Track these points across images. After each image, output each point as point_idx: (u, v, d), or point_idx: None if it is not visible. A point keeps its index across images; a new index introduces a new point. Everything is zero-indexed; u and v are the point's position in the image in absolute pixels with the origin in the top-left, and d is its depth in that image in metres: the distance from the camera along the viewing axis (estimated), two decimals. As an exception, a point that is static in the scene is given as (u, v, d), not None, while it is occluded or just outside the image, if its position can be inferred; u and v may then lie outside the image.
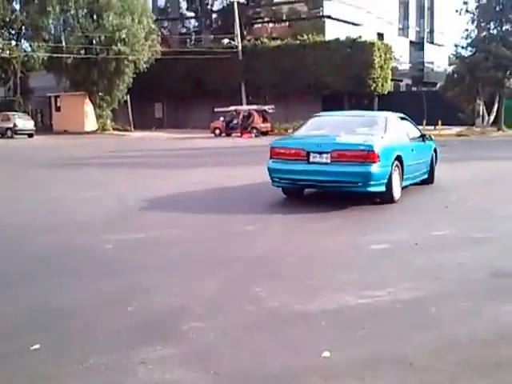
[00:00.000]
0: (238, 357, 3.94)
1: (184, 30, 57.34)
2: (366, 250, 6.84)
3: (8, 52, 44.53)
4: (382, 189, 9.65)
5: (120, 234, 7.86)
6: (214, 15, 55.08)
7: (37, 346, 4.05)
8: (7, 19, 46.22)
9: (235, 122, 37.23)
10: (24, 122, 39.12)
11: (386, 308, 4.82)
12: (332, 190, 10.20)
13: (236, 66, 43.83)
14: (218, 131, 37.41)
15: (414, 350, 3.96)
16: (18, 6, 48.77)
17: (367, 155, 9.41)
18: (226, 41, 45.04)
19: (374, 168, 9.38)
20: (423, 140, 12.00)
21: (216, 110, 38.67)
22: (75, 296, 5.24)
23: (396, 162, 9.96)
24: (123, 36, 40.35)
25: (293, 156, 9.90)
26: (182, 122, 48.88)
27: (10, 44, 46.63)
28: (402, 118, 11.78)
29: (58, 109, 46.69)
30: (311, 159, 9.71)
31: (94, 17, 42.50)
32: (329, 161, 9.55)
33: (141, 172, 16.30)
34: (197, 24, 57.36)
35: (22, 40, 48.48)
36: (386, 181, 9.63)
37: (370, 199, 9.87)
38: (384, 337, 4.23)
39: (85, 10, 42.20)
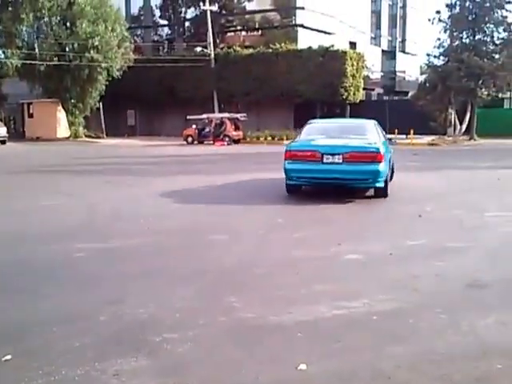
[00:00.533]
0: (213, 369, 3.92)
1: (157, 38, 57.21)
2: (340, 261, 6.82)
3: (-20, 58, 43.91)
4: (382, 185, 11.42)
5: (91, 242, 7.76)
6: (187, 23, 55.03)
7: (8, 357, 4.01)
8: (-21, 25, 45.62)
9: (208, 129, 37.16)
10: (-4, 129, 38.59)
11: (361, 320, 4.80)
12: (343, 186, 11.82)
13: (208, 73, 43.81)
14: (190, 139, 37.31)
15: (392, 364, 3.95)
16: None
17: (375, 156, 11.19)
18: (198, 49, 45.05)
19: (381, 167, 11.19)
20: (390, 143, 13.69)
21: (188, 117, 38.57)
22: (47, 306, 5.17)
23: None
24: (96, 43, 40.09)
25: (308, 157, 11.41)
26: (154, 129, 48.70)
27: (-18, 50, 46.03)
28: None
29: (30, 115, 46.22)
30: (325, 160, 11.28)
31: (68, 24, 42.14)
32: (341, 161, 11.17)
33: (110, 179, 16.10)
34: (170, 32, 57.26)
35: (-5, 47, 47.85)
36: (385, 178, 11.44)
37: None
38: (361, 350, 4.21)
39: (58, 18, 41.83)
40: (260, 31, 51.98)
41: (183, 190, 13.51)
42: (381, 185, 11.42)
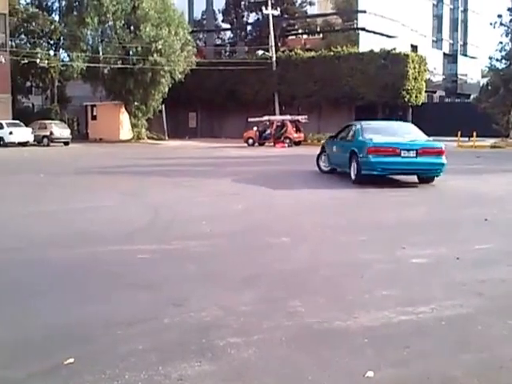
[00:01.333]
0: (278, 375, 3.82)
1: (219, 42, 57.73)
2: (405, 264, 6.67)
3: (46, 62, 45.23)
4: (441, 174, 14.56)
5: (153, 244, 7.75)
6: (249, 27, 55.32)
7: (71, 360, 3.97)
8: (46, 30, 47.06)
9: (268, 131, 37.22)
10: (60, 130, 39.64)
11: (429, 326, 4.66)
12: (417, 175, 14.78)
13: (270, 76, 43.94)
14: (251, 141, 37.43)
15: (462, 372, 3.80)
16: (57, 17, 49.73)
17: (441, 151, 14.31)
18: (260, 52, 45.19)
19: (445, 159, 14.25)
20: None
21: (249, 119, 38.72)
22: (110, 308, 5.16)
23: None
24: (159, 47, 40.69)
25: (389, 152, 14.00)
26: (215, 131, 49.11)
27: (49, 54, 47.41)
28: None
29: (93, 117, 47.27)
30: (402, 154, 14.01)
31: (132, 28, 42.97)
32: (415, 155, 14.01)
33: (172, 180, 16.19)
34: (232, 36, 57.71)
35: (61, 50, 49.28)
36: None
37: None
38: (430, 356, 4.06)
39: (122, 22, 42.66)
40: (321, 34, 51.84)
41: (244, 191, 13.50)
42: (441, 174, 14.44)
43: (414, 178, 15.05)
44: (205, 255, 7.16)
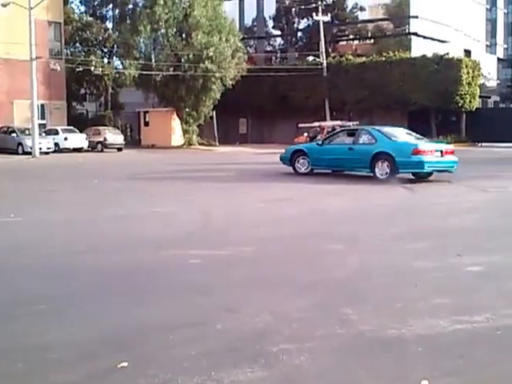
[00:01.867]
0: (330, 382, 3.79)
1: (269, 48, 57.92)
2: (460, 272, 6.54)
3: (100, 69, 46.21)
4: None
5: (206, 249, 7.78)
6: (300, 33, 55.35)
7: (124, 364, 4.00)
8: (100, 38, 48.13)
9: (319, 137, 37.06)
10: (114, 137, 40.36)
11: (485, 335, 4.55)
12: (442, 171, 17.18)
13: (320, 82, 43.83)
14: (301, 147, 37.31)
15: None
16: (110, 26, 50.81)
17: (453, 151, 17.83)
18: (310, 58, 45.15)
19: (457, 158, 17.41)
20: None
21: (300, 125, 38.67)
22: (163, 312, 5.19)
23: None
24: (211, 54, 41.07)
25: (428, 153, 16.48)
26: (265, 137, 49.21)
27: (103, 62, 48.45)
28: None
29: (146, 124, 47.97)
30: (435, 155, 16.70)
31: (183, 35, 43.50)
32: (440, 155, 16.90)
33: (224, 186, 16.29)
34: (282, 42, 57.84)
35: (114, 58, 50.31)
36: None
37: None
38: (486, 366, 3.97)
39: (174, 29, 43.21)
40: (372, 40, 51.45)
41: (296, 196, 13.48)
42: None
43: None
44: (257, 261, 7.16)
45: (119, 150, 39.74)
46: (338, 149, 17.97)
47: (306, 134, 37.50)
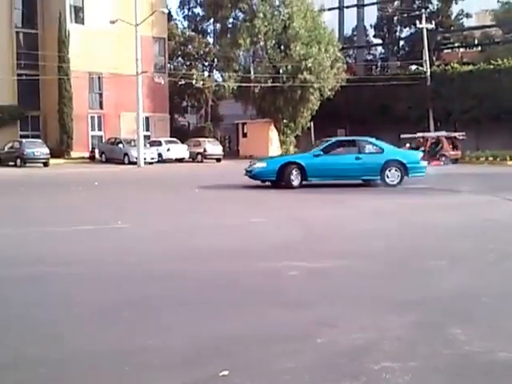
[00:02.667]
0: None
1: (370, 58, 57.18)
2: None
3: (201, 82, 47.25)
4: None
5: (304, 261, 7.62)
6: (402, 42, 54.29)
7: (225, 373, 3.95)
8: (201, 52, 49.28)
9: (422, 149, 36.02)
10: (213, 148, 41.16)
11: None
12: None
13: (423, 92, 42.65)
14: (403, 158, 36.41)
15: None
16: (211, 40, 51.93)
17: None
18: (413, 67, 44.13)
19: None
20: None
21: (402, 136, 37.74)
22: (264, 324, 5.11)
23: None
24: (309, 65, 41.02)
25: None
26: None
27: (204, 75, 49.57)
28: None
29: (244, 135, 48.56)
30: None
31: (282, 47, 43.75)
32: None
33: (320, 197, 16.07)
34: (383, 51, 56.97)
35: (214, 71, 51.40)
36: None
37: None
38: None
39: (273, 41, 43.55)
40: (480, 47, 49.62)
41: (400, 209, 13.05)
42: None
43: None
44: (356, 275, 6.95)
45: (218, 160, 40.41)
46: (342, 159, 18.81)
47: (407, 145, 36.54)
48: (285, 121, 44.15)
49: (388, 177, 18.62)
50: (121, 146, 38.77)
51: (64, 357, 4.33)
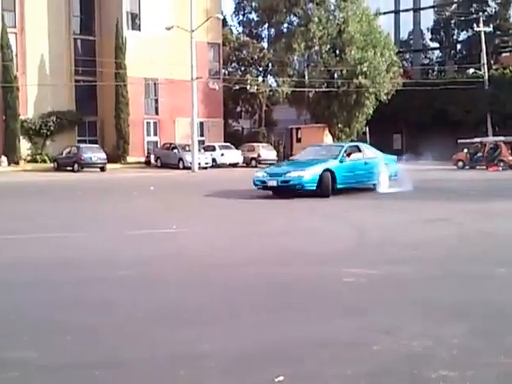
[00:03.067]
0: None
1: (426, 61, 56.32)
2: None
3: (255, 87, 47.41)
4: None
5: (359, 267, 7.53)
6: (459, 45, 53.29)
7: (281, 378, 3.94)
8: (256, 57, 49.45)
9: (480, 154, 35.20)
10: (267, 153, 41.23)
11: None
12: None
13: (481, 96, 41.75)
14: (461, 163, 35.69)
15: None
16: (265, 45, 52.07)
17: None
18: (471, 71, 43.19)
19: None
20: None
21: (459, 141, 36.95)
22: (315, 330, 5.06)
23: None
24: (365, 69, 40.68)
25: None
26: (421, 153, 47.54)
27: (258, 80, 49.71)
28: None
29: (298, 140, 48.40)
30: None
31: (337, 51, 43.52)
32: None
33: (373, 203, 15.82)
34: (440, 55, 56.02)
35: (268, 76, 51.47)
36: None
37: None
38: None
39: (328, 46, 43.37)
40: (540, 50, 48.24)
41: (457, 215, 12.74)
42: None
43: None
44: (413, 282, 6.84)
45: (271, 165, 40.34)
46: (357, 164, 18.31)
47: (465, 151, 35.78)
48: (339, 125, 43.85)
49: (383, 181, 18.47)
50: (176, 151, 39.24)
51: (120, 360, 4.40)
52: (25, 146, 40.55)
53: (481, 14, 45.53)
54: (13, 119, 39.26)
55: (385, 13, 51.50)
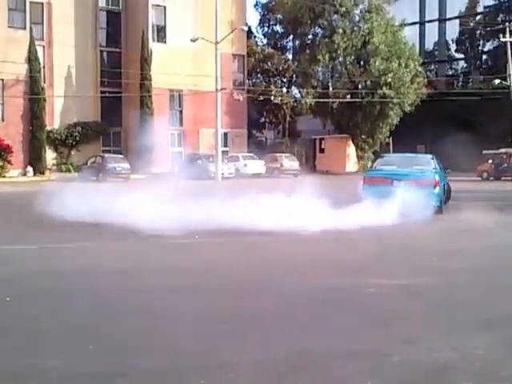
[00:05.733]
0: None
1: (451, 72, 55.95)
2: None
3: (280, 98, 47.51)
4: None
5: (383, 278, 7.48)
6: (485, 56, 52.86)
7: None
8: (280, 68, 49.59)
9: (505, 165, 34.82)
10: (290, 163, 41.24)
11: None
12: None
13: (508, 106, 41.27)
14: (485, 174, 35.36)
15: None
16: (290, 56, 52.20)
17: None
18: (496, 81, 42.79)
19: None
20: None
21: (484, 152, 36.60)
22: (337, 340, 5.04)
23: None
24: (389, 80, 40.57)
25: None
26: (445, 163, 47.14)
27: (282, 91, 49.81)
28: None
29: (321, 150, 48.40)
30: None
31: (361, 62, 43.48)
32: None
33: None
34: (465, 65, 55.61)
35: (292, 87, 51.56)
36: None
37: None
38: None
39: (352, 57, 43.35)
40: None
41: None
42: None
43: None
44: (435, 292, 6.78)
45: (294, 175, 40.40)
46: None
47: (490, 161, 35.43)
48: (363, 136, 43.74)
49: None
50: (200, 161, 39.43)
51: (145, 368, 4.42)
52: (50, 156, 41.07)
53: (507, 24, 45.09)
54: (39, 130, 39.80)
55: (410, 24, 51.35)
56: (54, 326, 5.38)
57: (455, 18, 56.42)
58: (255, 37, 53.56)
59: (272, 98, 46.40)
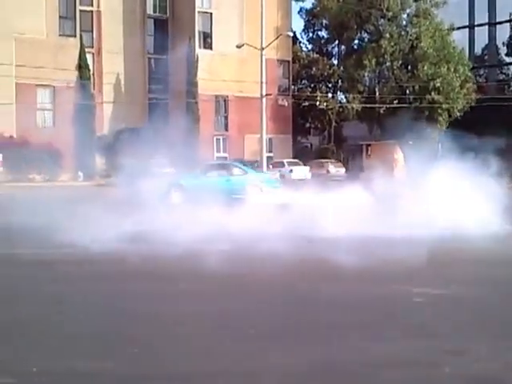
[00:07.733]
0: None
1: (502, 77, 54.75)
2: None
3: (325, 104, 47.27)
4: None
5: (428, 286, 7.34)
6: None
7: None
8: (325, 74, 49.33)
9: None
10: (336, 169, 40.94)
11: None
12: None
13: (562, 111, 40.19)
14: (539, 181, 34.40)
15: None
16: (335, 61, 51.91)
17: None
18: (549, 85, 41.70)
19: None
20: None
21: (536, 159, 35.63)
22: (387, 349, 4.95)
23: None
24: (437, 85, 39.99)
25: None
26: (496, 170, 46.16)
27: (327, 96, 49.55)
28: None
29: (368, 156, 47.84)
30: None
31: (409, 67, 42.95)
32: None
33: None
34: (516, 70, 54.37)
35: (338, 92, 51.23)
36: None
37: None
38: None
39: (400, 62, 42.86)
40: None
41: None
42: None
43: None
44: (484, 303, 6.62)
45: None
46: None
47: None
48: (410, 142, 43.13)
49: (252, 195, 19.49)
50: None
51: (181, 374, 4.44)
52: (99, 162, 41.75)
53: (560, 27, 43.96)
54: (89, 135, 40.57)
55: (459, 28, 50.49)
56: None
57: (506, 21, 55.21)
58: (300, 42, 53.44)
59: (317, 103, 46.21)
